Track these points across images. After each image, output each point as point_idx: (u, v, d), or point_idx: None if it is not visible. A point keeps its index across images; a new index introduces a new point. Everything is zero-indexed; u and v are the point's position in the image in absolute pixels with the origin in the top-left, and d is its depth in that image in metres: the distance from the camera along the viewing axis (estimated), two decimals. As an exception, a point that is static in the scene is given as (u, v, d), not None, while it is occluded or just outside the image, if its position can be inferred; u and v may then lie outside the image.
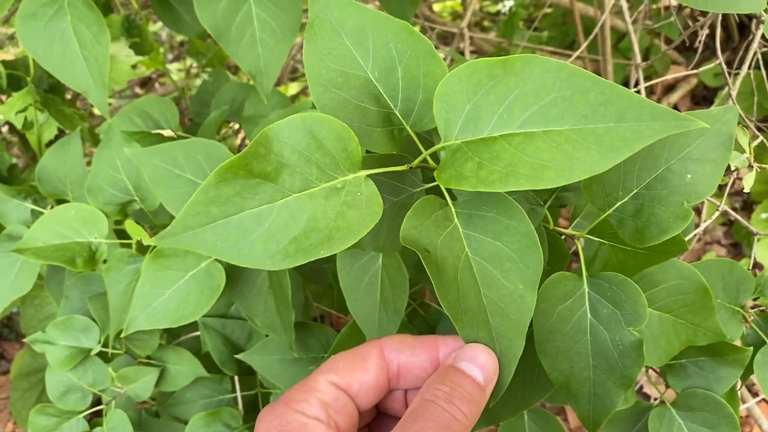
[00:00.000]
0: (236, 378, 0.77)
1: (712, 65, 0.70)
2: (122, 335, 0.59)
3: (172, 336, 0.79)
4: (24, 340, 0.78)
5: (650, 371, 0.61)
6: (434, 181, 0.34)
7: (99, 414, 0.76)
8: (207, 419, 0.73)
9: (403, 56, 0.35)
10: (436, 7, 1.97)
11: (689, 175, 0.36)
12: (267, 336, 0.67)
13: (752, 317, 0.60)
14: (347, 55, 0.36)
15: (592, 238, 0.40)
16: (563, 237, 0.42)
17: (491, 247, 0.32)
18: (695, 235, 0.63)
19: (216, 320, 0.75)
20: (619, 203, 0.38)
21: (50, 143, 0.85)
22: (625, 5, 0.81)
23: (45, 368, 0.78)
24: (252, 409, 0.78)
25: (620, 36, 1.66)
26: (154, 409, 0.81)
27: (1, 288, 0.73)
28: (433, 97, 0.32)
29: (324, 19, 0.37)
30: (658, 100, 1.61)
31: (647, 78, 1.66)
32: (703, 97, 1.79)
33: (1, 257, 0.74)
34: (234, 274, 0.62)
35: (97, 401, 0.77)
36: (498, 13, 1.95)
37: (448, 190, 0.34)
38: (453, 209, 0.34)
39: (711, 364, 0.58)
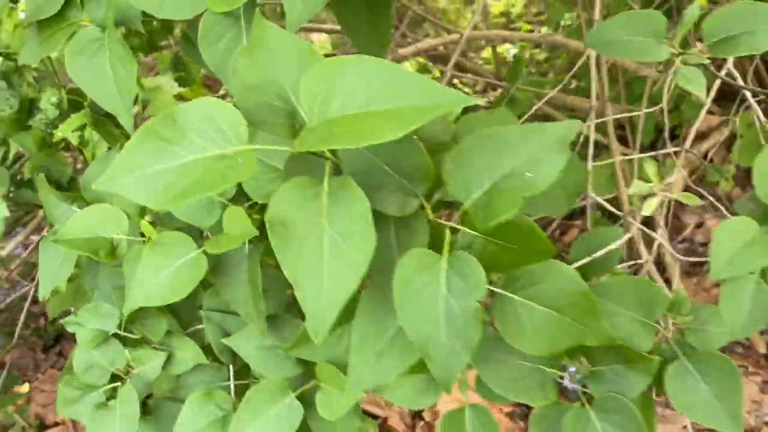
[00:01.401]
0: (231, 367, 0.88)
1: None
2: (124, 311, 0.72)
3: (181, 326, 0.91)
4: (61, 321, 0.92)
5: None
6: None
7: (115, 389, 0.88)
8: (202, 399, 0.83)
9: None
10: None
11: (529, 174, 0.45)
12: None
13: (670, 333, 0.66)
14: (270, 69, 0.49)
15: (465, 229, 0.49)
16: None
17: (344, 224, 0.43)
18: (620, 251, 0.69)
19: (217, 314, 0.87)
20: (475, 196, 0.47)
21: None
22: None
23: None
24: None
25: (653, 83, 1.71)
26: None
27: (50, 271, 0.88)
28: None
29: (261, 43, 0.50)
30: (691, 146, 1.64)
31: (679, 126, 1.70)
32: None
33: (50, 248, 0.90)
34: (219, 267, 0.73)
35: (115, 379, 0.89)
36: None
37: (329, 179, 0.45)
38: (326, 188, 0.45)
39: (623, 370, 0.64)
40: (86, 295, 1.19)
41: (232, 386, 0.87)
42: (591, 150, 0.80)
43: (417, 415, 1.48)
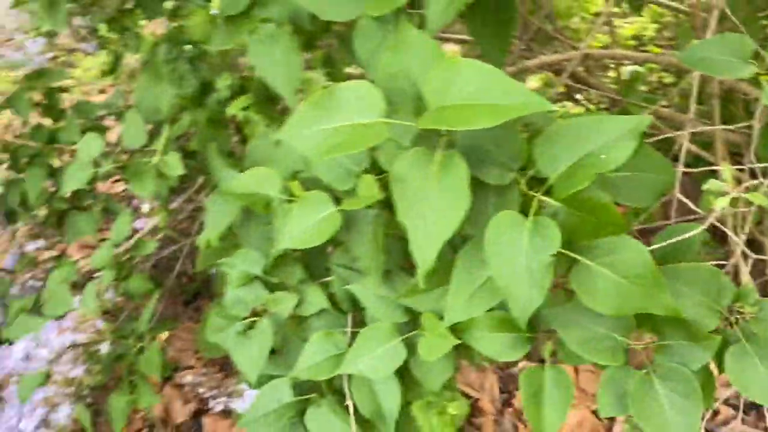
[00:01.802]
0: (349, 316, 1.03)
1: None
2: (273, 252, 0.89)
3: (312, 278, 1.08)
4: (217, 261, 1.12)
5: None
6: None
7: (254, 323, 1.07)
8: (323, 338, 1.00)
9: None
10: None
11: (603, 156, 0.56)
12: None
13: (734, 320, 0.74)
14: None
15: (550, 200, 0.61)
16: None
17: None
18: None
19: (343, 269, 1.03)
20: (559, 171, 0.59)
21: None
22: None
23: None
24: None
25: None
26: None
27: (215, 220, 1.09)
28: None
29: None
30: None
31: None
32: None
33: (217, 201, 1.10)
34: (350, 226, 0.89)
35: (254, 314, 1.08)
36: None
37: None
38: (437, 158, 0.58)
39: (687, 345, 0.73)
40: (229, 252, 1.39)
41: (348, 332, 1.02)
42: (683, 157, 0.89)
43: (506, 402, 1.58)
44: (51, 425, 0.99)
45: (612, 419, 1.46)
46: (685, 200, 0.87)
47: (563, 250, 0.63)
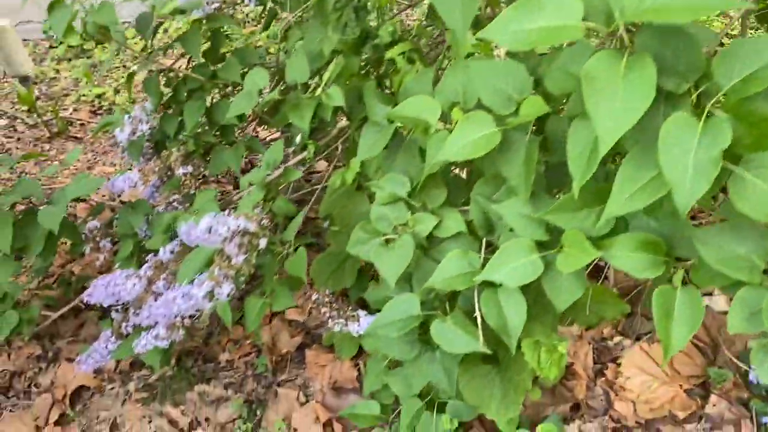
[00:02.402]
0: (484, 240, 1.13)
1: None
2: (427, 169, 1.01)
3: (451, 205, 1.19)
4: (366, 183, 1.25)
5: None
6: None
7: (394, 239, 1.18)
8: (459, 255, 1.10)
9: None
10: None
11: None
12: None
13: None
14: None
15: (721, 112, 0.70)
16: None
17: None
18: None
19: (482, 198, 1.13)
20: (733, 82, 0.68)
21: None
22: None
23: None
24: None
25: None
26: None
27: (367, 145, 1.21)
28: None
29: None
30: None
31: None
32: None
33: (370, 128, 1.23)
34: (505, 147, 0.99)
35: (395, 231, 1.19)
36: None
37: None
38: (624, 58, 0.68)
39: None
40: (352, 201, 1.51)
41: (482, 255, 1.12)
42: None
43: (599, 372, 1.63)
44: (214, 298, 1.14)
45: (705, 397, 1.49)
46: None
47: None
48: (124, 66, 4.01)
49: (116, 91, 3.67)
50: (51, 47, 4.50)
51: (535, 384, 1.54)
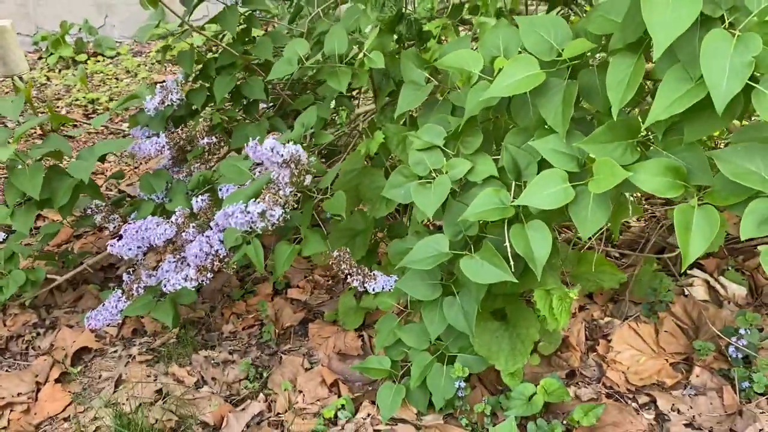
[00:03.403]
0: (513, 184, 1.26)
1: None
2: (470, 110, 1.14)
3: (485, 150, 1.31)
4: (405, 133, 1.37)
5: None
6: None
7: (429, 182, 1.30)
8: (492, 192, 1.22)
9: None
10: None
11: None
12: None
13: None
14: None
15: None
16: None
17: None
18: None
19: (513, 147, 1.27)
20: (761, 6, 0.84)
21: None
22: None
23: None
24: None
25: None
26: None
27: (403, 103, 1.34)
28: None
29: None
30: None
31: None
32: None
33: (411, 89, 1.36)
34: (544, 89, 1.13)
35: (429, 175, 1.31)
36: None
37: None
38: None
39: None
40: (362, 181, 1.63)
41: (511, 196, 1.25)
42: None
43: (591, 348, 1.74)
44: (266, 219, 1.22)
45: (689, 371, 1.62)
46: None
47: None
48: (117, 78, 4.09)
49: (110, 99, 3.74)
50: (40, 58, 4.56)
51: (534, 351, 1.64)
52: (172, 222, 1.55)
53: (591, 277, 1.62)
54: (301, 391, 1.69)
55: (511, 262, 1.21)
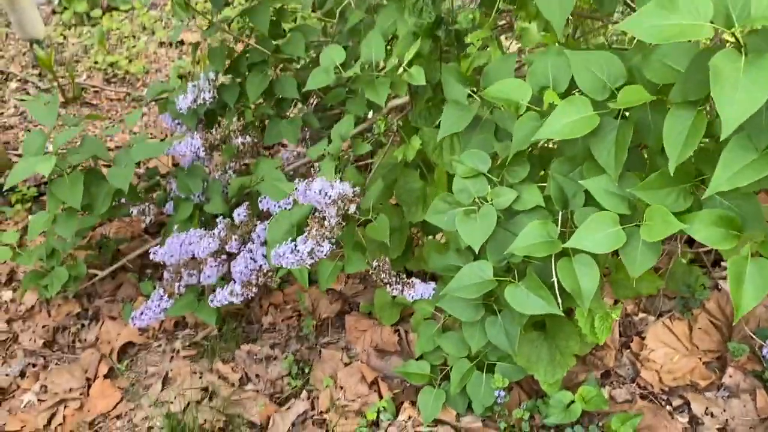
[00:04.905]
0: (560, 213, 1.25)
1: None
2: (516, 146, 1.12)
3: (531, 180, 1.30)
4: (451, 158, 1.35)
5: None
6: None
7: (473, 210, 1.30)
8: (539, 225, 1.22)
9: None
10: None
11: None
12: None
13: None
14: None
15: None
16: None
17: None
18: None
19: (560, 177, 1.25)
20: None
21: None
22: None
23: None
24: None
25: None
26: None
27: (446, 126, 1.32)
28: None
29: None
30: None
31: None
32: None
33: (453, 110, 1.34)
34: (597, 130, 1.11)
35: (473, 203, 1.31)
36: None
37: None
38: (743, 57, 0.81)
39: None
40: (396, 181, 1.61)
41: (558, 227, 1.24)
42: None
43: (625, 345, 1.78)
44: (315, 255, 1.24)
45: (722, 370, 1.65)
46: None
47: None
48: (134, 36, 4.02)
49: (129, 60, 3.69)
50: (54, 12, 4.47)
51: (569, 352, 1.68)
52: (214, 235, 1.57)
53: (629, 284, 1.63)
54: (342, 387, 1.75)
55: (558, 296, 1.23)
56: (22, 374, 1.89)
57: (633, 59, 1.11)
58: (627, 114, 1.13)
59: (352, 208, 1.29)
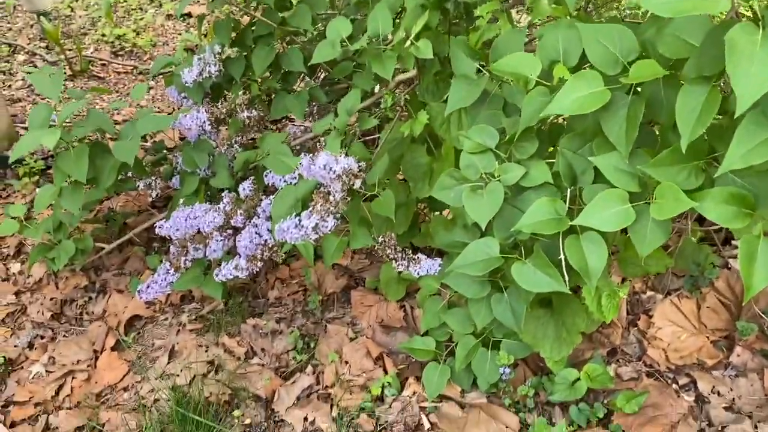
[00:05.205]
0: (569, 190, 1.24)
1: None
2: (528, 120, 1.10)
3: (539, 156, 1.28)
4: (458, 133, 1.33)
5: None
6: None
7: (480, 186, 1.28)
8: (547, 202, 1.20)
9: None
10: None
11: None
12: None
13: None
14: None
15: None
16: None
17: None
18: None
19: (569, 153, 1.23)
20: None
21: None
22: None
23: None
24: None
25: None
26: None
27: (454, 100, 1.30)
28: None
29: None
30: None
31: None
32: None
33: (462, 84, 1.31)
34: (608, 105, 1.08)
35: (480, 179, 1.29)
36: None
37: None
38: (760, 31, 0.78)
39: None
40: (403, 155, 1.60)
41: (566, 204, 1.23)
42: None
43: (632, 322, 1.77)
44: (319, 230, 1.23)
45: (730, 349, 1.64)
46: None
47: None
48: (141, 8, 3.99)
49: (136, 33, 3.66)
50: (60, -17, 4.43)
51: (576, 330, 1.67)
52: (219, 209, 1.56)
53: (637, 262, 1.61)
54: (347, 362, 1.75)
55: (565, 273, 1.21)
56: (31, 346, 1.91)
57: (646, 33, 1.08)
58: (639, 89, 1.11)
59: (357, 183, 1.27)
